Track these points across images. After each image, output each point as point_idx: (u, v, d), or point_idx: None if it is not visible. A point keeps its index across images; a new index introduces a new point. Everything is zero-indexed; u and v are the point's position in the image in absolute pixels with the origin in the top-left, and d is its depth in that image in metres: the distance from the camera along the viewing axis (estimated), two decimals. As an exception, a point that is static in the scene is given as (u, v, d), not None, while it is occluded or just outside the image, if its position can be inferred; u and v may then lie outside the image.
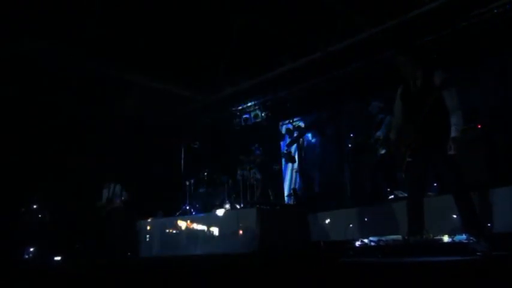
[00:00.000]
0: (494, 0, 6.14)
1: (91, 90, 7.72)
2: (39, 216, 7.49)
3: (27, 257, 7.14)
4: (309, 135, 9.56)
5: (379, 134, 6.56)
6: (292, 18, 6.82)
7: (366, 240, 4.17)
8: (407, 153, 4.05)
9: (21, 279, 5.22)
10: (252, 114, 9.49)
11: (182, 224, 7.24)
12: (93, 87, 7.73)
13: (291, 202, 8.54)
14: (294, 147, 9.40)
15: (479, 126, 5.76)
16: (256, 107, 9.56)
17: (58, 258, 7.11)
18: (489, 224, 4.32)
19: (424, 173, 4.09)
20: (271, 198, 7.63)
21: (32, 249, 7.19)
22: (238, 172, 7.82)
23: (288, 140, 9.56)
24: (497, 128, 6.60)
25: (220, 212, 6.86)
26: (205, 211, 7.29)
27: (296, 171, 9.26)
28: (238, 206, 7.10)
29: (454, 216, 4.13)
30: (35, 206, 7.53)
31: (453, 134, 3.82)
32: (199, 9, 6.48)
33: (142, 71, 7.82)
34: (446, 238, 3.74)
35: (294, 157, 9.15)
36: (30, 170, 7.53)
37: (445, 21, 6.60)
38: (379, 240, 4.08)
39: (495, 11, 6.15)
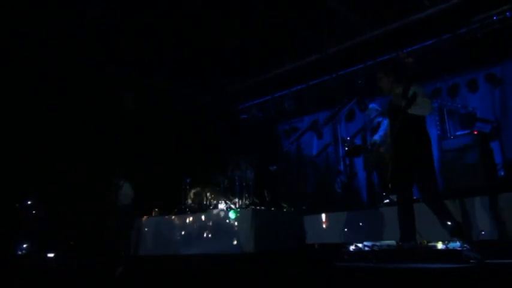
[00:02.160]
0: (494, 7, 6.15)
1: (89, 87, 7.68)
2: (34, 212, 7.44)
3: (20, 253, 7.09)
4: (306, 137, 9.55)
5: (376, 137, 6.56)
6: (292, 19, 6.80)
7: (360, 245, 4.17)
8: (391, 164, 4.14)
9: (13, 275, 5.21)
10: (250, 115, 9.47)
11: (178, 223, 7.23)
12: (93, 84, 7.69)
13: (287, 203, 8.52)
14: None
15: (475, 132, 5.76)
16: (254, 107, 9.54)
17: (51, 255, 7.08)
18: (483, 232, 4.33)
19: (410, 180, 4.16)
20: (267, 199, 7.62)
21: (25, 246, 7.14)
22: (235, 172, 7.79)
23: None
24: (494, 134, 6.62)
25: (215, 212, 6.85)
26: (200, 211, 7.27)
27: None
28: (233, 207, 7.07)
29: (449, 223, 4.13)
30: (29, 202, 7.48)
31: None
32: (198, 8, 6.45)
33: (143, 69, 7.79)
34: (440, 245, 3.75)
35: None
36: (26, 165, 7.48)
37: (445, 26, 6.61)
38: (373, 245, 4.08)
39: (495, 18, 6.16)
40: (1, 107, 7.06)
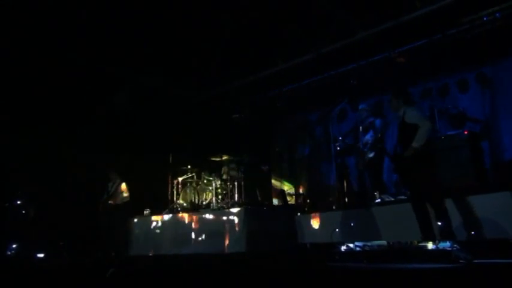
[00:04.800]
0: (484, 8, 6.20)
1: (82, 86, 7.61)
2: (23, 212, 7.35)
3: (9, 253, 7.01)
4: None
5: (367, 137, 6.58)
6: (286, 18, 6.79)
7: (351, 245, 4.18)
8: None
9: (3, 276, 5.15)
10: (242, 114, 9.43)
11: (169, 223, 7.20)
12: (85, 82, 7.62)
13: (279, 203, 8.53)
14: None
15: (465, 132, 5.81)
16: (246, 107, 9.51)
17: (41, 255, 7.01)
18: (473, 232, 4.36)
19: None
20: (259, 198, 7.62)
21: (14, 246, 7.06)
22: (227, 171, 7.78)
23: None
24: (483, 134, 6.68)
25: (207, 212, 6.83)
26: (192, 210, 7.25)
27: None
28: (225, 206, 7.06)
29: (439, 223, 4.16)
30: (19, 202, 7.40)
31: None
32: (193, 7, 6.41)
33: (136, 68, 7.74)
34: (430, 245, 3.77)
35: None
36: (15, 165, 7.40)
37: (436, 27, 6.65)
38: (364, 246, 4.10)
39: (485, 18, 6.20)
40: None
